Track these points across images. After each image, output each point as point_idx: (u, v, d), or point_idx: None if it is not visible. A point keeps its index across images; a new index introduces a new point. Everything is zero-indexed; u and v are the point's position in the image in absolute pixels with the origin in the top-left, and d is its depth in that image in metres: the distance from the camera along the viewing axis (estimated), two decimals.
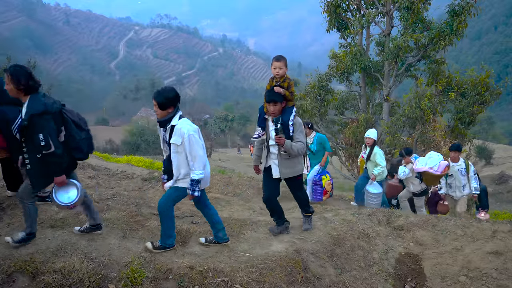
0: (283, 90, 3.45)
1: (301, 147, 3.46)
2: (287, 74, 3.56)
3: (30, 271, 2.62)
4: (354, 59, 10.59)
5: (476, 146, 26.17)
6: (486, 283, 3.22)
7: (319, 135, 6.22)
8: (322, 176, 6.05)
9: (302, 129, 3.53)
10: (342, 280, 3.32)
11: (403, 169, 6.28)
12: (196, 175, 3.07)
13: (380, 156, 6.07)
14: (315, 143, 6.14)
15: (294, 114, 3.54)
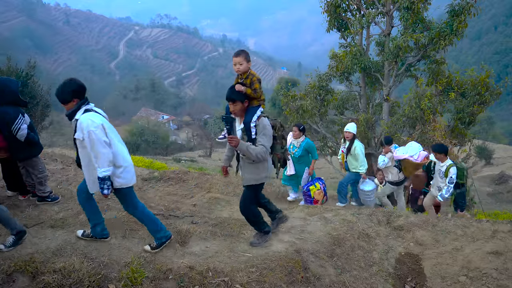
0: (245, 88, 3.19)
1: (261, 151, 3.09)
2: (251, 70, 3.28)
3: (30, 271, 2.62)
4: (354, 59, 10.59)
5: (476, 146, 26.17)
6: (486, 283, 3.22)
7: (308, 141, 5.92)
8: (310, 186, 5.78)
9: (268, 132, 3.17)
10: (342, 280, 3.32)
11: (383, 158, 6.28)
12: (100, 173, 2.90)
13: (361, 149, 6.02)
14: (300, 148, 5.83)
15: (259, 114, 3.22)
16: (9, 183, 4.01)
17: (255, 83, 3.20)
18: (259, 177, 3.29)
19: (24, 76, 14.84)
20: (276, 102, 41.43)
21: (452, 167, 5.78)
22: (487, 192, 19.52)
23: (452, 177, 5.75)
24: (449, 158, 5.98)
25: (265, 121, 3.21)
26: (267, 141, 3.15)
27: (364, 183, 6.18)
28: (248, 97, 3.21)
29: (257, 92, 3.21)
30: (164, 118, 58.37)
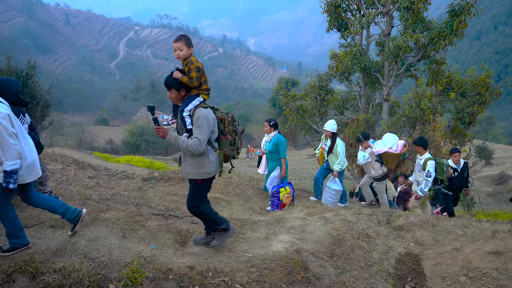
0: (181, 76, 2.99)
1: (192, 144, 2.88)
2: (193, 57, 3.05)
3: (30, 271, 2.62)
4: (354, 59, 10.60)
5: (476, 146, 26.18)
6: (486, 283, 3.22)
7: (279, 137, 5.72)
8: (280, 188, 5.60)
9: (203, 124, 2.92)
10: (342, 280, 3.32)
11: (363, 154, 6.24)
12: (7, 166, 2.72)
13: (342, 148, 5.95)
14: (271, 143, 5.72)
15: (196, 104, 3.00)
16: None
17: (192, 71, 2.98)
18: (199, 172, 3.06)
19: (24, 76, 14.86)
20: (276, 102, 41.50)
21: (429, 161, 5.78)
22: (487, 192, 19.53)
23: (429, 170, 5.74)
24: (428, 152, 5.99)
25: (203, 113, 2.95)
26: (201, 134, 2.92)
27: (334, 181, 6.03)
28: (185, 85, 3.02)
29: (193, 80, 2.99)
30: (164, 118, 58.29)
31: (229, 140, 3.18)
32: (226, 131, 3.15)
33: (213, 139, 3.09)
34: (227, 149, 3.15)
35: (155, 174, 7.54)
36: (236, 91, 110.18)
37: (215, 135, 3.10)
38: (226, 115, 3.18)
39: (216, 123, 3.10)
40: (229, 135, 3.17)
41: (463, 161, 6.37)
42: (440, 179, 6.17)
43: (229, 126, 3.17)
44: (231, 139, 3.20)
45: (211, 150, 3.08)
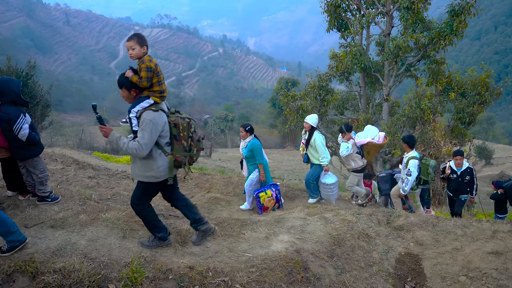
0: (132, 75, 2.93)
1: (132, 147, 2.81)
2: (147, 56, 2.97)
3: (30, 271, 2.62)
4: (354, 59, 10.59)
5: (476, 146, 26.18)
6: (486, 283, 3.22)
7: (254, 142, 5.51)
8: (260, 192, 5.45)
9: (147, 128, 2.81)
10: (342, 280, 3.32)
11: (346, 145, 6.15)
12: None
13: (321, 141, 5.82)
14: (246, 148, 5.54)
15: (144, 106, 2.90)
16: (9, 183, 4.01)
17: (142, 71, 2.90)
18: (146, 175, 2.99)
19: (24, 76, 14.88)
20: (276, 102, 41.51)
21: (411, 160, 5.73)
22: (487, 192, 19.50)
23: (410, 169, 5.69)
24: (414, 151, 5.92)
25: (149, 116, 2.83)
26: (143, 138, 2.81)
27: (326, 176, 5.95)
28: (136, 85, 2.93)
29: (142, 80, 2.89)
30: None
31: (184, 146, 3.04)
32: (181, 137, 3.02)
33: (163, 143, 2.96)
34: (179, 155, 3.02)
35: None
36: (236, 91, 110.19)
37: (166, 139, 2.98)
38: (182, 120, 3.04)
39: (168, 127, 2.98)
40: (183, 140, 3.04)
41: (467, 165, 6.23)
42: (424, 180, 6.14)
43: (184, 132, 3.03)
44: (187, 145, 3.06)
45: (161, 155, 2.97)
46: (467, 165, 6.23)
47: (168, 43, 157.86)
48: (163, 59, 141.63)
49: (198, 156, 3.21)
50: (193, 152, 3.12)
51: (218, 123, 49.50)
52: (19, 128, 3.56)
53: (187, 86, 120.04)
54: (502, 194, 6.77)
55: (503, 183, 6.80)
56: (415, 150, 5.98)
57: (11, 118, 3.54)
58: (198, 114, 66.42)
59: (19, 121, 3.57)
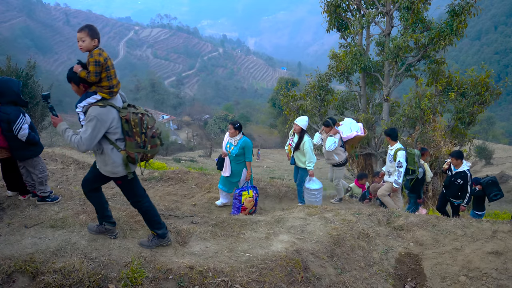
0: (80, 69, 2.86)
1: (74, 141, 2.78)
2: (98, 49, 2.89)
3: (30, 271, 2.62)
4: (354, 59, 10.59)
5: (476, 146, 26.19)
6: (486, 283, 3.22)
7: (245, 140, 5.43)
8: (243, 191, 5.41)
9: (91, 125, 2.76)
10: (342, 280, 3.32)
11: (333, 139, 6.06)
12: None
13: (310, 145, 5.71)
14: (237, 146, 5.38)
15: (91, 102, 2.84)
16: (9, 183, 4.01)
17: (90, 65, 2.82)
18: (105, 169, 2.98)
19: (24, 76, 14.86)
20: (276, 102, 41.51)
21: (399, 151, 5.78)
22: None
23: (400, 161, 5.72)
24: (398, 142, 5.96)
25: (94, 112, 2.78)
26: (85, 133, 2.76)
27: (311, 181, 5.86)
28: (84, 80, 2.86)
29: (90, 75, 2.81)
30: (164, 118, 58.44)
31: (137, 142, 2.96)
32: (134, 133, 2.94)
33: (114, 139, 2.91)
34: (132, 151, 2.95)
35: (155, 174, 7.54)
36: (236, 91, 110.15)
37: (117, 135, 2.92)
38: (134, 115, 2.94)
39: (119, 123, 2.91)
40: (137, 136, 2.95)
41: (464, 169, 6.08)
42: (412, 169, 6.14)
43: (136, 128, 2.94)
44: (140, 141, 2.97)
45: (114, 150, 2.94)
46: (464, 169, 6.10)
47: (168, 43, 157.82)
48: (163, 59, 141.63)
49: (154, 153, 3.11)
50: (147, 149, 3.02)
51: (218, 123, 49.49)
52: (18, 128, 3.56)
53: (187, 86, 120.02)
54: (480, 190, 6.81)
55: (481, 179, 6.83)
56: (398, 142, 6.01)
57: (10, 118, 3.54)
58: (198, 114, 66.45)
59: (19, 121, 3.57)
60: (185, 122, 63.69)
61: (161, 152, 31.07)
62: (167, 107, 71.33)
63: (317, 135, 6.42)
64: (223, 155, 5.56)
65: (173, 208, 5.25)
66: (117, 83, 2.99)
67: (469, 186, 6.07)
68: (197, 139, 48.47)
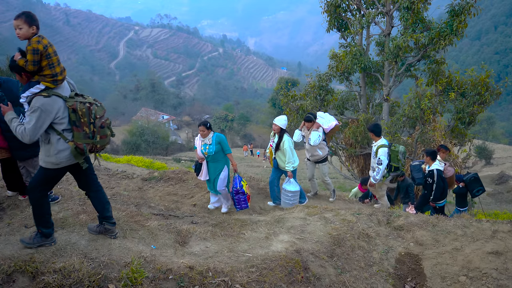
0: (20, 58, 2.75)
1: (18, 131, 2.74)
2: (37, 37, 2.74)
3: (30, 271, 2.62)
4: (354, 59, 10.59)
5: (476, 146, 26.18)
6: (486, 283, 3.22)
7: (218, 134, 5.36)
8: (241, 181, 5.38)
9: (35, 115, 2.71)
10: (342, 280, 3.32)
11: (318, 133, 5.96)
12: None
13: (289, 145, 5.59)
14: (213, 143, 5.24)
15: (34, 92, 2.75)
16: (9, 183, 4.01)
17: (28, 53, 2.71)
18: (46, 160, 2.89)
19: None
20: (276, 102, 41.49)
21: (381, 148, 5.68)
22: (487, 192, 19.51)
23: (380, 158, 5.64)
24: (382, 138, 5.86)
25: (38, 102, 2.72)
26: (29, 123, 2.71)
27: (288, 182, 5.73)
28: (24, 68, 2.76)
29: (28, 64, 2.71)
30: (164, 118, 58.41)
31: (86, 133, 2.89)
32: (82, 123, 2.87)
33: (60, 129, 2.85)
34: (80, 142, 2.89)
35: (155, 174, 7.54)
36: (236, 91, 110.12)
37: (63, 126, 2.86)
38: (82, 105, 2.86)
39: (66, 113, 2.85)
40: (85, 127, 2.88)
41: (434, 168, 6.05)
42: (395, 166, 6.04)
43: (84, 118, 2.86)
44: (89, 131, 2.91)
45: (60, 140, 2.87)
46: (434, 168, 6.06)
47: (168, 43, 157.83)
48: (163, 59, 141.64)
49: (104, 143, 3.06)
50: (96, 140, 2.96)
51: (218, 123, 49.50)
52: None
53: (187, 86, 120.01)
54: (463, 187, 6.84)
55: (463, 176, 6.87)
56: (383, 137, 5.93)
57: None
58: (198, 114, 66.44)
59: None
60: (185, 122, 63.67)
61: (161, 152, 31.08)
62: (167, 107, 71.30)
63: (297, 132, 6.28)
64: (200, 160, 5.41)
65: (173, 208, 5.25)
66: (62, 71, 2.91)
67: (434, 184, 6.06)
68: None
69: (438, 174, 6.03)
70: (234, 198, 5.41)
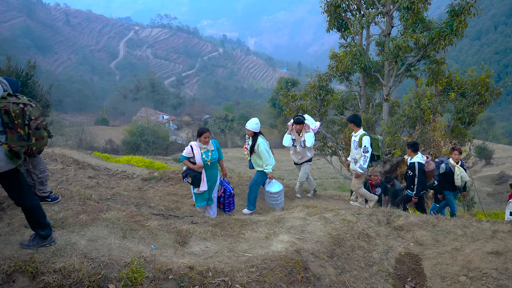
0: None
1: None
2: None
3: (30, 271, 2.62)
4: (354, 59, 10.58)
5: (476, 146, 26.18)
6: (486, 283, 3.22)
7: (214, 140, 5.28)
8: (229, 185, 5.48)
9: None
10: (342, 280, 3.32)
11: (312, 134, 6.03)
12: None
13: (265, 147, 5.54)
14: (215, 150, 5.19)
15: None
16: None
17: None
18: None
19: (24, 76, 14.86)
20: (276, 102, 41.49)
21: (364, 136, 5.77)
22: (487, 192, 19.54)
23: (365, 146, 5.72)
24: (362, 129, 5.95)
25: None
26: None
27: (271, 184, 5.74)
28: None
29: None
30: (164, 118, 58.45)
31: (20, 135, 2.77)
32: (16, 125, 2.74)
33: None
34: (14, 145, 2.75)
35: (155, 174, 7.54)
36: (236, 91, 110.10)
37: None
38: (15, 106, 2.72)
39: None
40: (19, 128, 2.75)
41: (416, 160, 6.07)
42: (376, 155, 6.08)
43: (18, 119, 2.73)
44: (24, 133, 2.77)
45: None
46: (415, 160, 6.08)
47: (168, 43, 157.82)
48: (163, 59, 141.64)
49: (40, 145, 2.93)
50: (32, 142, 2.82)
51: (218, 123, 49.51)
52: None
53: (187, 86, 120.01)
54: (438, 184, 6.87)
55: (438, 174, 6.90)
56: (362, 128, 6.01)
57: None
58: (198, 114, 66.47)
59: None
60: (185, 122, 63.70)
61: (161, 152, 31.08)
62: (167, 107, 71.33)
63: (288, 137, 6.22)
64: (200, 169, 5.13)
65: (173, 208, 5.25)
66: None
67: (416, 178, 6.05)
68: None
69: (419, 167, 6.05)
70: (225, 202, 5.42)
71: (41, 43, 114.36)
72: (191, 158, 5.16)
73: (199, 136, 5.10)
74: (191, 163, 5.15)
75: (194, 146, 5.13)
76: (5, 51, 51.27)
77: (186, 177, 5.16)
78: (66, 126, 34.48)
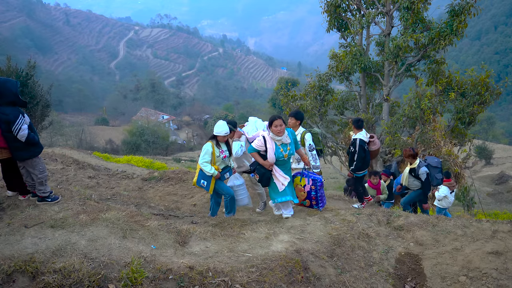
0: None
1: None
2: None
3: (30, 271, 2.61)
4: (354, 59, 10.58)
5: (476, 146, 26.18)
6: (486, 283, 3.22)
7: (290, 130, 4.65)
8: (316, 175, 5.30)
9: None
10: (342, 280, 3.32)
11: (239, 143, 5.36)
12: None
13: (235, 146, 5.22)
14: (292, 141, 4.48)
15: None
16: (9, 183, 4.01)
17: None
18: None
19: (24, 76, 14.86)
20: (276, 102, 41.47)
21: (306, 134, 5.37)
22: (487, 192, 19.52)
23: (310, 144, 5.33)
24: (301, 126, 5.49)
25: None
26: None
27: (234, 178, 5.28)
28: None
29: None
30: (164, 118, 58.42)
31: None
32: None
33: None
34: None
35: (155, 174, 7.54)
36: (236, 91, 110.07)
37: None
38: None
39: None
40: None
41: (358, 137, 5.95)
42: (319, 149, 5.74)
43: None
44: None
45: None
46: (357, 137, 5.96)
47: (168, 43, 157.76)
48: (163, 59, 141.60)
49: None
50: None
51: None
52: (18, 129, 3.56)
53: (187, 86, 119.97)
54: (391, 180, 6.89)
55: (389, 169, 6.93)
56: None
57: (10, 119, 3.53)
58: (198, 114, 66.43)
59: (18, 122, 3.57)
60: (185, 122, 63.68)
61: (161, 152, 31.08)
62: (167, 107, 71.29)
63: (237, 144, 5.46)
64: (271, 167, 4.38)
65: (173, 208, 5.25)
66: None
67: (356, 154, 5.96)
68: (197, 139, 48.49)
69: (360, 144, 5.94)
70: (318, 196, 4.83)
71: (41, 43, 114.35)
72: (261, 151, 4.35)
73: (270, 125, 4.22)
74: (261, 156, 4.34)
75: (267, 138, 4.29)
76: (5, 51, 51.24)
77: (254, 172, 4.46)
78: (66, 126, 34.48)
